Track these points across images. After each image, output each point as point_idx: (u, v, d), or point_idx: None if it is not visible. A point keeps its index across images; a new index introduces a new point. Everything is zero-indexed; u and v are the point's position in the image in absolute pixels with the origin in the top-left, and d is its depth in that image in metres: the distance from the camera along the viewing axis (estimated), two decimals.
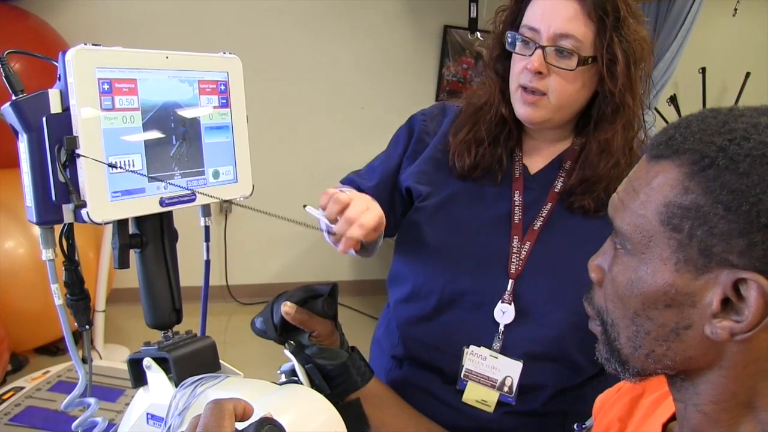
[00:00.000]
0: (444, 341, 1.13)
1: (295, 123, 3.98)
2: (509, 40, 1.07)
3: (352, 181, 1.26)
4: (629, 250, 0.59)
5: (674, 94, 4.24)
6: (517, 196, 1.13)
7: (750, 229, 0.51)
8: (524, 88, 1.05)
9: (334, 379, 0.94)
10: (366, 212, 0.96)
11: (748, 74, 4.39)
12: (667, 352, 0.58)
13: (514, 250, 1.09)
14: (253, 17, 3.76)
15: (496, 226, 1.12)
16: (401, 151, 1.24)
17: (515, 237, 1.10)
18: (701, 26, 3.53)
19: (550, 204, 1.11)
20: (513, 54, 1.07)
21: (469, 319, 1.11)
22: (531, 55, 1.03)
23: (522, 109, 1.07)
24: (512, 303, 1.08)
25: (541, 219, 1.10)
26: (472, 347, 1.10)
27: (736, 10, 3.51)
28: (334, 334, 0.97)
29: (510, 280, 1.09)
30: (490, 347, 1.10)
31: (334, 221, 0.95)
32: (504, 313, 1.08)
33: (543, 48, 1.01)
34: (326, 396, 0.79)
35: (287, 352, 0.94)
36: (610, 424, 0.81)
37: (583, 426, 0.89)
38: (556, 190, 1.12)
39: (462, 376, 1.11)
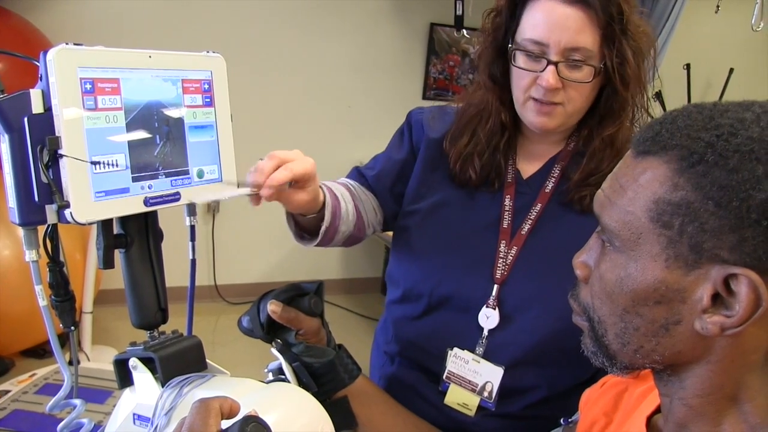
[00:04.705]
0: (430, 342, 1.14)
1: (282, 121, 3.97)
2: (511, 53, 1.04)
3: (356, 171, 1.26)
4: (618, 247, 0.59)
5: (659, 90, 4.26)
6: (507, 201, 1.12)
7: (740, 224, 0.51)
8: (537, 100, 1.04)
9: (322, 377, 0.94)
10: (297, 161, 0.93)
11: (731, 70, 4.43)
12: (656, 347, 0.59)
13: (501, 255, 1.09)
14: (238, 16, 3.75)
15: (485, 230, 1.12)
16: (408, 146, 1.22)
17: (503, 242, 1.10)
18: (685, 23, 3.56)
19: (539, 205, 1.11)
20: (514, 66, 1.04)
21: (455, 322, 1.11)
22: (542, 70, 1.00)
23: (537, 119, 1.05)
24: (497, 308, 1.08)
25: (530, 222, 1.10)
26: (455, 350, 1.11)
27: (718, 7, 3.53)
28: (321, 332, 0.97)
29: (495, 285, 1.08)
30: (473, 351, 1.10)
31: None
32: (488, 317, 1.08)
33: (555, 63, 0.99)
34: (313, 394, 0.79)
35: (274, 351, 0.93)
36: (595, 419, 0.81)
37: (570, 420, 0.90)
38: (546, 191, 1.12)
39: (444, 377, 1.12)
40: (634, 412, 0.75)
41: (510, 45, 1.05)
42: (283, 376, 0.90)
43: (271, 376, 0.91)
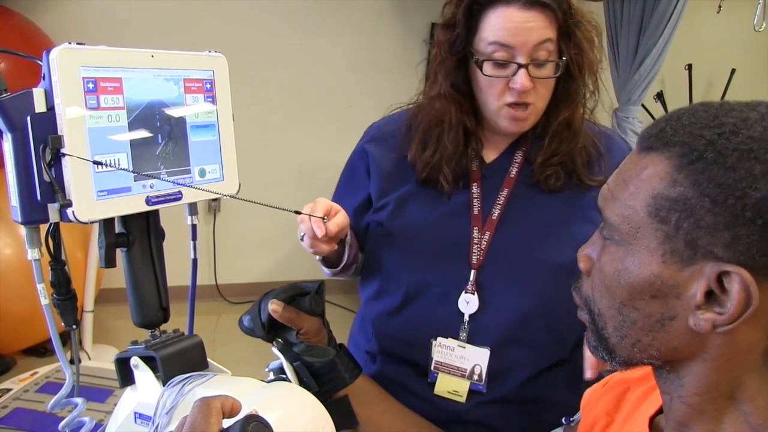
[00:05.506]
0: (413, 335, 1.16)
1: (284, 121, 3.97)
2: (479, 63, 1.07)
3: None
4: (617, 240, 0.60)
5: (661, 91, 4.27)
6: (475, 189, 1.15)
7: (735, 222, 0.51)
8: (511, 105, 1.07)
9: (323, 377, 0.94)
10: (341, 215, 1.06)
11: (733, 71, 4.43)
12: (652, 342, 0.59)
13: (475, 241, 1.12)
14: (240, 15, 3.75)
15: (456, 217, 1.15)
16: (368, 187, 1.25)
17: (475, 228, 1.13)
18: (686, 23, 3.55)
19: (506, 190, 1.14)
20: (483, 75, 1.07)
21: (435, 312, 1.13)
22: (513, 75, 1.04)
23: (513, 126, 1.10)
24: (475, 293, 1.11)
25: (499, 206, 1.13)
26: (439, 339, 1.13)
27: (720, 7, 3.53)
28: (322, 331, 0.97)
29: (472, 271, 1.11)
30: (457, 338, 1.12)
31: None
32: (468, 303, 1.11)
33: (526, 66, 1.03)
34: (314, 393, 0.79)
35: (275, 350, 0.94)
36: (597, 418, 0.81)
37: (571, 420, 0.90)
38: (511, 176, 1.15)
39: (432, 368, 1.14)
40: (635, 412, 0.75)
41: (474, 56, 1.08)
42: (284, 376, 0.91)
43: (272, 376, 0.92)
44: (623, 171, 0.61)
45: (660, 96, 4.26)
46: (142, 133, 0.74)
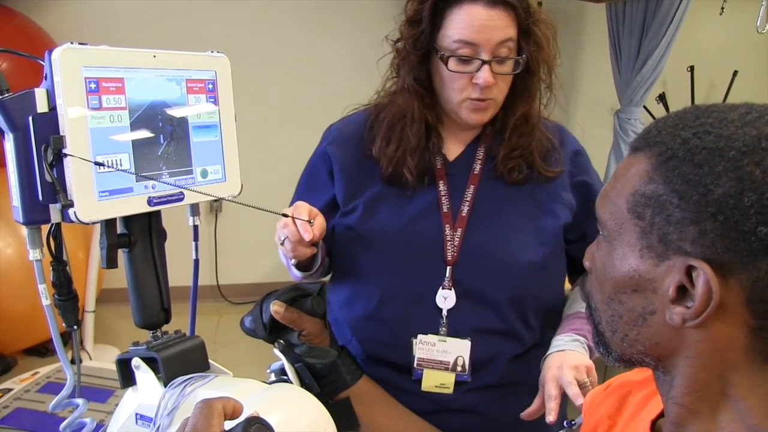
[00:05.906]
0: (392, 336, 1.17)
1: (287, 121, 3.97)
2: (445, 59, 1.09)
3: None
4: (606, 237, 0.62)
5: (663, 92, 4.27)
6: (442, 186, 1.17)
7: (700, 217, 0.53)
8: (473, 99, 1.10)
9: (324, 378, 0.94)
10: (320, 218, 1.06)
11: (735, 72, 4.42)
12: (637, 336, 0.60)
13: (448, 238, 1.14)
14: (243, 15, 3.76)
15: (426, 216, 1.16)
16: (330, 190, 1.25)
17: (447, 225, 1.15)
18: (689, 25, 3.56)
19: (472, 187, 1.17)
20: (448, 70, 1.09)
21: (412, 310, 1.15)
22: (477, 71, 1.08)
23: (474, 117, 1.13)
24: (452, 288, 1.13)
25: (467, 203, 1.16)
26: (420, 336, 1.14)
27: (723, 9, 3.53)
28: (324, 332, 0.97)
29: (448, 267, 1.13)
30: (437, 333, 1.13)
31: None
32: (446, 298, 1.13)
33: (489, 62, 1.07)
34: (316, 395, 0.79)
35: (277, 351, 0.93)
36: (599, 422, 0.81)
37: (573, 423, 0.90)
38: (475, 173, 1.18)
39: (415, 365, 1.15)
40: (638, 416, 0.75)
41: (439, 52, 1.10)
42: (285, 377, 0.90)
43: (273, 377, 0.91)
44: (616, 171, 0.64)
45: (662, 98, 4.26)
46: (144, 134, 0.74)
